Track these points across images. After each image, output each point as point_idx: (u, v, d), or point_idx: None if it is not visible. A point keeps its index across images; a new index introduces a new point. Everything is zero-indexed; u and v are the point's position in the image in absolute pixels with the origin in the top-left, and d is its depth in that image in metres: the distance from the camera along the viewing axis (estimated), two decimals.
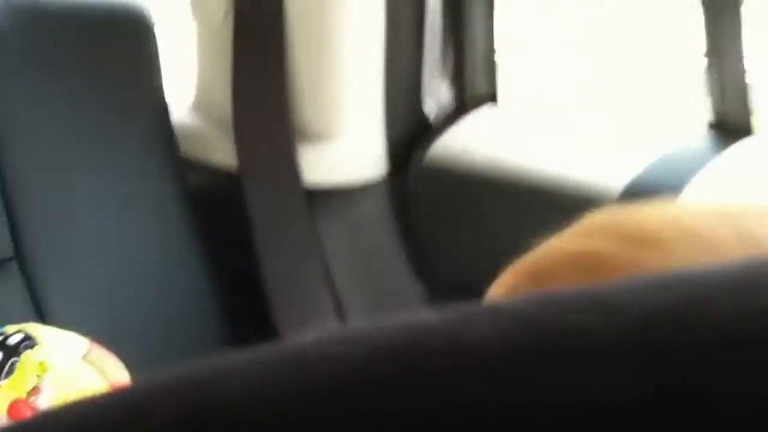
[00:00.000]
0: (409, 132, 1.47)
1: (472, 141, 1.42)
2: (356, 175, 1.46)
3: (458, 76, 1.49)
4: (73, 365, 1.09)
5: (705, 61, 1.29)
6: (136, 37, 1.42)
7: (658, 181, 1.26)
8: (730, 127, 1.29)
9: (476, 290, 1.41)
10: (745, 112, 1.29)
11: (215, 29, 1.46)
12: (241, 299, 1.49)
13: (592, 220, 0.50)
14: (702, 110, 1.31)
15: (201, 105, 1.55)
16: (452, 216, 1.43)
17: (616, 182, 1.27)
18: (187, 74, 1.54)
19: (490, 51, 1.49)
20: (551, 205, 1.31)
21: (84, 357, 1.11)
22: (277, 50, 1.39)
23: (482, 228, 1.40)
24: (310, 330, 1.24)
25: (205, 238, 1.48)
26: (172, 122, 1.47)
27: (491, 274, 1.35)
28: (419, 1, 1.44)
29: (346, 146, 1.45)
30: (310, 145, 1.44)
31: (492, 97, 1.50)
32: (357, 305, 1.48)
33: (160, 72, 1.45)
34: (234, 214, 1.45)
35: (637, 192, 1.25)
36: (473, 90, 1.49)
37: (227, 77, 1.44)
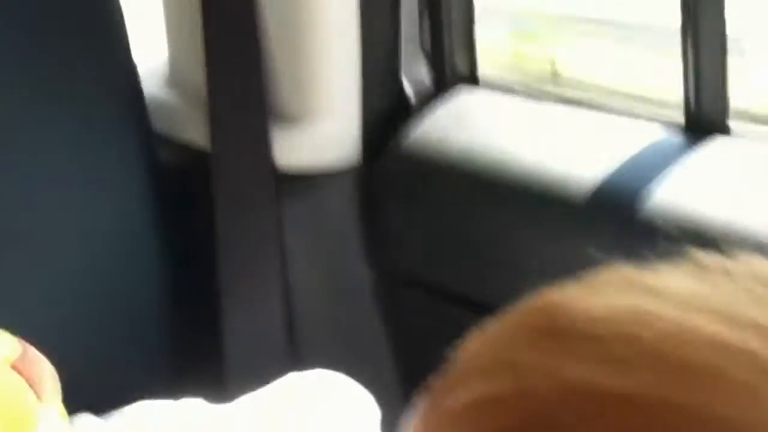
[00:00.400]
0: (386, 115, 1.43)
1: (450, 126, 1.39)
2: (330, 160, 1.41)
3: (437, 54, 1.45)
4: None
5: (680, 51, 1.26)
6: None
7: (630, 178, 1.25)
8: (705, 124, 1.28)
9: (434, 288, 1.41)
10: (722, 110, 1.27)
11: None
12: (193, 278, 1.45)
13: (590, 323, 0.38)
14: (676, 105, 1.30)
15: (173, 79, 1.49)
16: (421, 207, 1.40)
17: (591, 177, 1.26)
18: (160, 45, 1.51)
19: (469, 26, 1.44)
20: (528, 201, 1.29)
21: (12, 363, 1.02)
22: (249, 26, 1.36)
23: (451, 223, 1.37)
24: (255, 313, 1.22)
25: (168, 215, 1.43)
26: (143, 95, 1.41)
27: (453, 272, 1.35)
28: None
29: (320, 129, 1.40)
30: (283, 127, 1.42)
31: (473, 78, 1.46)
32: (308, 292, 1.45)
33: (125, 37, 1.39)
34: (200, 193, 1.41)
35: (610, 190, 1.24)
36: (453, 69, 1.45)
37: (199, 51, 1.38)
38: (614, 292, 0.40)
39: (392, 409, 1.15)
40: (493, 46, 1.56)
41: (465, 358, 0.41)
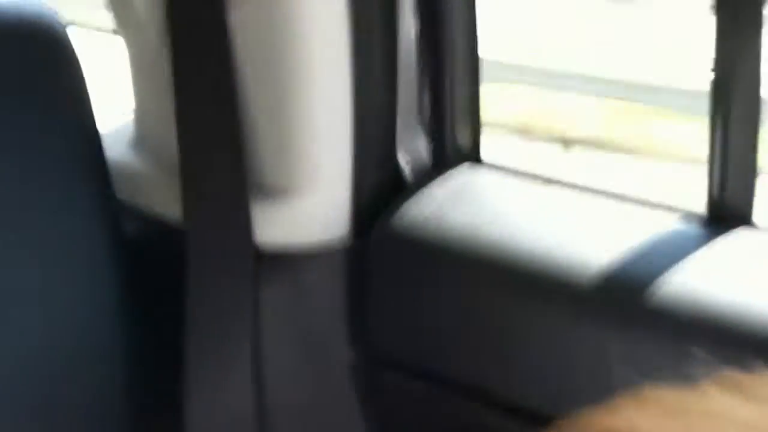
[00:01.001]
0: (380, 192, 1.33)
1: (448, 206, 1.30)
2: (315, 238, 1.33)
3: (437, 129, 1.36)
4: None
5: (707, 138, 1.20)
6: (54, 54, 1.30)
7: (645, 266, 1.18)
8: (728, 214, 1.21)
9: (427, 379, 1.33)
10: (747, 200, 1.21)
11: (149, 52, 1.34)
12: (158, 364, 1.36)
13: None
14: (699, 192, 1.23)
15: (141, 143, 1.42)
16: (413, 292, 1.31)
17: (600, 264, 1.18)
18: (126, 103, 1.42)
19: (474, 100, 1.35)
20: (531, 288, 1.21)
21: None
22: (227, 88, 1.27)
23: (445, 308, 1.28)
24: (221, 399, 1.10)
25: (133, 294, 1.33)
26: (105, 159, 1.33)
27: (449, 361, 1.27)
28: (391, 41, 1.29)
29: (305, 204, 1.31)
30: (265, 201, 1.33)
31: (475, 155, 1.38)
32: (284, 381, 1.35)
33: (87, 96, 1.32)
34: (170, 271, 1.33)
35: (622, 277, 1.16)
36: (454, 145, 1.36)
37: (171, 114, 1.31)
38: (673, 416, 0.40)
39: None
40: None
41: None
